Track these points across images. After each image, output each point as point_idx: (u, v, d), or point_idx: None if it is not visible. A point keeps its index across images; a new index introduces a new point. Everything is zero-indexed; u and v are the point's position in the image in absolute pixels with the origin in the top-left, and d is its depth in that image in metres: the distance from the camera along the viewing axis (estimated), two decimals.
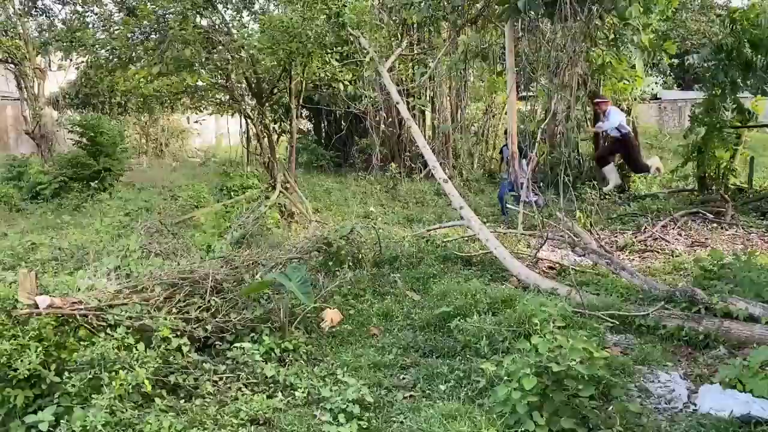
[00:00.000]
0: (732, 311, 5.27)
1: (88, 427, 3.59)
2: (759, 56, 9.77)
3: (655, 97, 23.38)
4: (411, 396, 4.38)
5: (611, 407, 3.99)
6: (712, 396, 4.08)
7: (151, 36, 10.94)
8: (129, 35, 10.77)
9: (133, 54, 10.92)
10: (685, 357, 4.98)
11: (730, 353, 4.89)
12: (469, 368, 4.62)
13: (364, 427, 3.89)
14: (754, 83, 10.13)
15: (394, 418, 4.04)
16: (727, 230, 9.59)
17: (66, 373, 3.91)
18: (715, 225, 9.84)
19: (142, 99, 15.23)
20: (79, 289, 4.58)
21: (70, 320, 4.22)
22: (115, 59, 11.46)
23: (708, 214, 10.31)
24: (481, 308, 5.67)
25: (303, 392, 4.35)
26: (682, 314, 5.40)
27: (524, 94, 15.06)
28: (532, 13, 7.64)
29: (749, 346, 4.86)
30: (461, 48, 9.39)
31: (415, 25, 12.17)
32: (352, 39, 10.16)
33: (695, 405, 4.14)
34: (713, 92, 10.30)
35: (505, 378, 3.85)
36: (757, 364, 3.99)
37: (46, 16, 16.44)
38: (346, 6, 9.82)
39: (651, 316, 5.46)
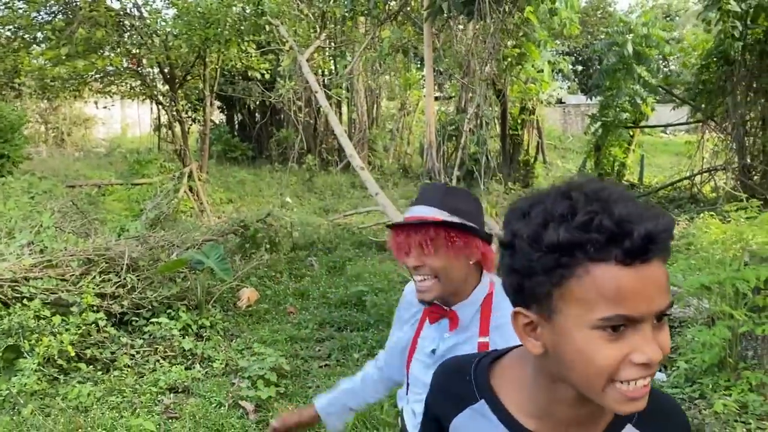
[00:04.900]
0: None
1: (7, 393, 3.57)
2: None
3: (559, 102, 24.54)
4: (326, 365, 4.58)
5: None
6: None
7: (59, 16, 10.55)
8: (34, 14, 10.36)
9: (39, 34, 10.50)
10: None
11: None
12: (382, 338, 4.85)
13: (282, 392, 4.06)
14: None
15: (310, 384, 4.22)
16: None
17: None
18: None
19: (41, 83, 14.55)
20: None
21: None
22: (19, 39, 10.99)
23: None
24: (396, 288, 5.94)
25: (221, 363, 4.46)
26: None
27: (438, 94, 15.50)
28: (454, 11, 7.98)
29: None
30: (386, 42, 9.63)
31: (334, 18, 12.33)
32: (271, 27, 10.20)
33: None
34: (608, 90, 11.04)
35: None
36: None
37: None
38: None
39: None
